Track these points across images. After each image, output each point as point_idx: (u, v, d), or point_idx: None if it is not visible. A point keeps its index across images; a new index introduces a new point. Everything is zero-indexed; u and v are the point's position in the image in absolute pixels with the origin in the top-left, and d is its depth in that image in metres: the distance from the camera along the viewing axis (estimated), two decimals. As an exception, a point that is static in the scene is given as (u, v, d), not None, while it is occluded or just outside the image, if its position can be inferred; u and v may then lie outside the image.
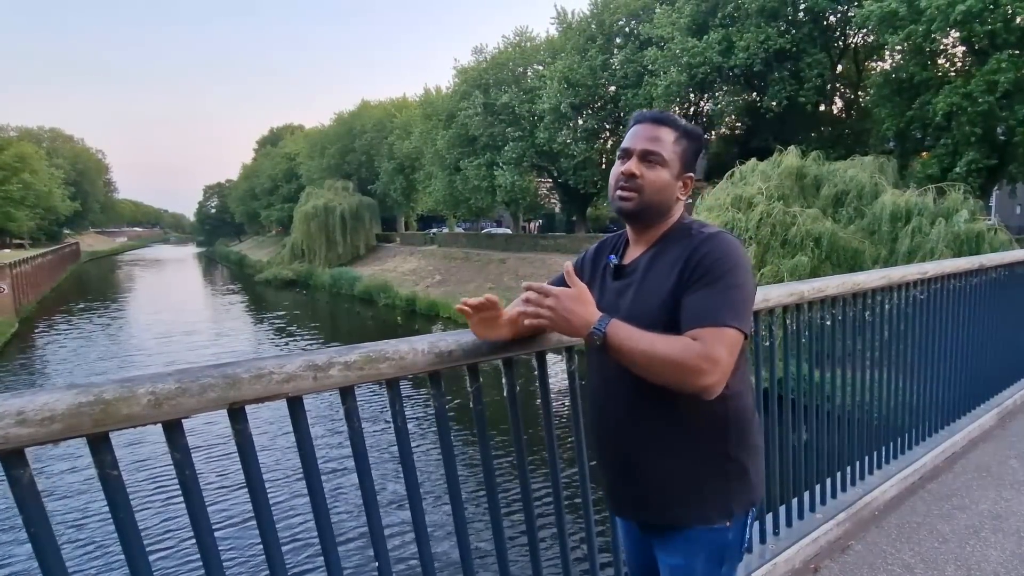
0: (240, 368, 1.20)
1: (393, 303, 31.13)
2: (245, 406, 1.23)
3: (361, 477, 1.45)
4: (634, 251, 1.48)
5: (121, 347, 23.67)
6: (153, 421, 1.12)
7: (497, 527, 1.73)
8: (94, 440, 1.08)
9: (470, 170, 31.77)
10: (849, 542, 2.87)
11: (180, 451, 1.18)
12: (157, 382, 1.10)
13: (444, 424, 1.60)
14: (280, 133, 75.71)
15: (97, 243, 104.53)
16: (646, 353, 1.22)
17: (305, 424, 1.35)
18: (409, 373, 1.46)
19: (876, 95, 19.81)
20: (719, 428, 1.38)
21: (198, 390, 1.14)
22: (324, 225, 43.57)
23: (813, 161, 13.76)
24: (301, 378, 1.26)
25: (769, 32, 20.46)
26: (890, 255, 11.65)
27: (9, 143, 47.27)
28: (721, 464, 1.39)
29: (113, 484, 1.11)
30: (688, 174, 1.44)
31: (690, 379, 1.21)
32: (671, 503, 1.40)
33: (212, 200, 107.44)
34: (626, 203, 1.40)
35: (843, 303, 2.92)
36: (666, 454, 1.38)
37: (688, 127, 1.44)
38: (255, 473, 1.28)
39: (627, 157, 1.41)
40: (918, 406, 3.63)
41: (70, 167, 71.60)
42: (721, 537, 1.40)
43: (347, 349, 1.35)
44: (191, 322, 28.64)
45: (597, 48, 26.52)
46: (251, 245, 75.58)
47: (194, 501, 1.20)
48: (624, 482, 1.46)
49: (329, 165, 50.58)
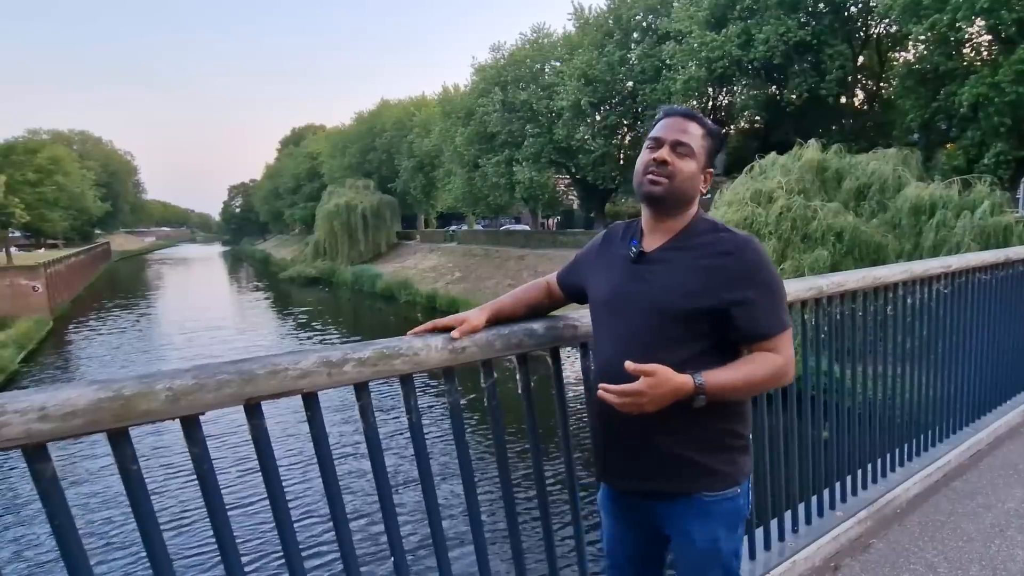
0: (256, 364, 1.22)
1: (414, 300, 31.35)
2: (261, 402, 1.25)
3: (376, 472, 1.47)
4: (653, 240, 1.51)
5: (151, 343, 24.39)
6: (171, 416, 1.14)
7: (512, 520, 1.75)
8: (114, 435, 1.11)
9: (489, 167, 31.81)
10: (871, 540, 2.82)
11: (198, 445, 1.20)
12: (175, 378, 1.13)
13: (458, 419, 1.61)
14: (302, 133, 76.42)
15: (127, 243, 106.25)
16: (749, 384, 1.39)
17: (320, 420, 1.36)
18: (423, 369, 1.47)
19: (899, 86, 19.48)
20: (730, 412, 1.48)
21: (215, 386, 1.16)
22: (346, 223, 44.14)
23: (834, 154, 13.53)
24: (316, 374, 1.28)
25: (789, 24, 20.15)
26: (914, 249, 11.43)
27: (42, 146, 48.12)
28: (730, 440, 1.50)
29: (133, 478, 1.13)
30: (709, 169, 1.51)
31: (781, 384, 1.43)
32: (686, 475, 1.48)
33: (237, 200, 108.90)
34: (656, 187, 1.45)
35: (864, 297, 2.87)
36: (680, 432, 1.45)
37: (712, 127, 1.52)
38: (271, 467, 1.30)
39: (658, 146, 1.46)
40: (942, 402, 3.57)
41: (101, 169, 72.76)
42: (734, 504, 1.51)
43: (361, 345, 1.37)
44: (218, 318, 29.40)
45: (615, 43, 26.39)
46: (275, 244, 76.66)
47: (212, 494, 1.22)
48: (636, 455, 1.51)
49: (350, 164, 51.02)
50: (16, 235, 49.69)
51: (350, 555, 1.43)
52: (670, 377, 1.31)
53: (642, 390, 1.30)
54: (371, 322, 28.94)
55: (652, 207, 1.50)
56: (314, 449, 1.37)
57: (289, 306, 34.30)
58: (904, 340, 3.19)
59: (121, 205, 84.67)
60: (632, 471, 1.53)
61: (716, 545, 1.50)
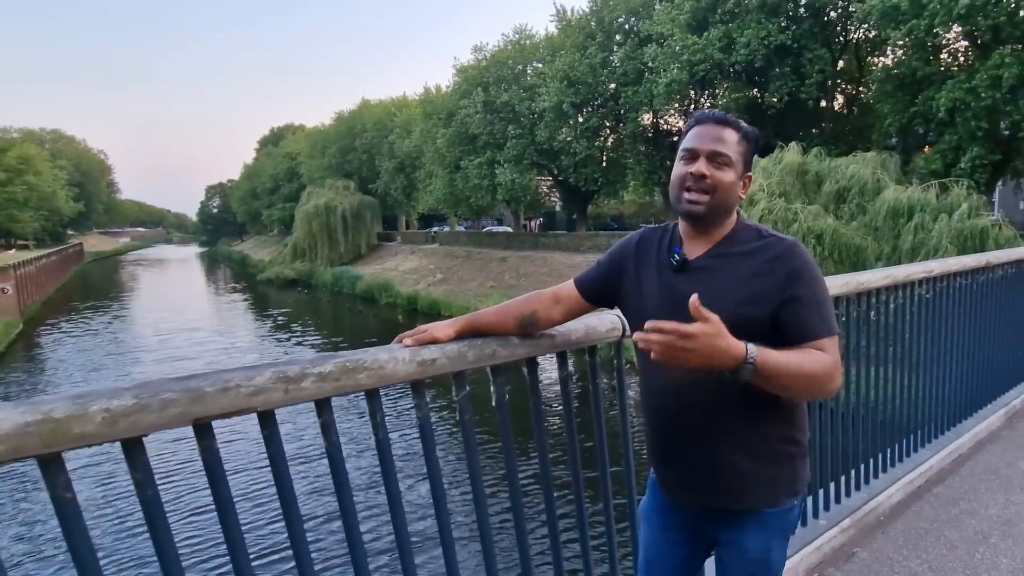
0: (204, 381, 1.12)
1: (395, 302, 31.09)
2: (212, 422, 1.16)
3: (340, 492, 1.37)
4: (695, 247, 1.45)
5: (124, 345, 23.77)
6: (109, 440, 1.04)
7: (486, 540, 1.66)
8: (45, 461, 1.01)
9: (470, 168, 31.66)
10: (854, 549, 2.79)
11: (141, 470, 1.10)
12: (113, 398, 1.03)
13: (428, 435, 1.52)
14: (281, 133, 75.56)
15: (101, 244, 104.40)
16: (798, 375, 1.26)
17: (278, 440, 1.27)
18: (389, 383, 1.38)
19: (878, 91, 19.70)
20: (788, 418, 1.44)
21: (158, 406, 1.07)
22: (325, 224, 43.59)
23: (815, 157, 13.67)
24: (271, 391, 1.19)
25: (770, 28, 20.31)
26: (893, 251, 11.55)
27: (12, 144, 47.28)
28: (790, 450, 1.45)
29: (67, 507, 1.03)
30: (748, 174, 1.45)
31: (828, 386, 1.29)
32: (748, 490, 1.43)
33: (214, 200, 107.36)
34: (697, 206, 1.38)
35: (847, 302, 2.84)
36: (743, 445, 1.41)
37: (748, 129, 1.44)
38: (224, 493, 1.20)
39: (693, 159, 1.40)
40: (924, 407, 3.56)
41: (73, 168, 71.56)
42: (790, 515, 1.49)
43: (321, 358, 1.28)
44: (193, 320, 28.87)
45: (597, 45, 26.40)
46: (253, 245, 75.63)
47: (157, 523, 1.13)
48: (700, 473, 1.46)
49: (330, 164, 50.48)
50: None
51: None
52: (726, 334, 1.19)
53: (695, 334, 1.15)
54: (351, 324, 28.64)
55: (693, 224, 1.44)
56: (271, 470, 1.27)
57: (267, 308, 33.80)
58: (887, 345, 3.16)
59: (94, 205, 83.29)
60: (697, 487, 1.49)
61: (768, 555, 1.48)
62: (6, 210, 41.16)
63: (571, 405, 1.84)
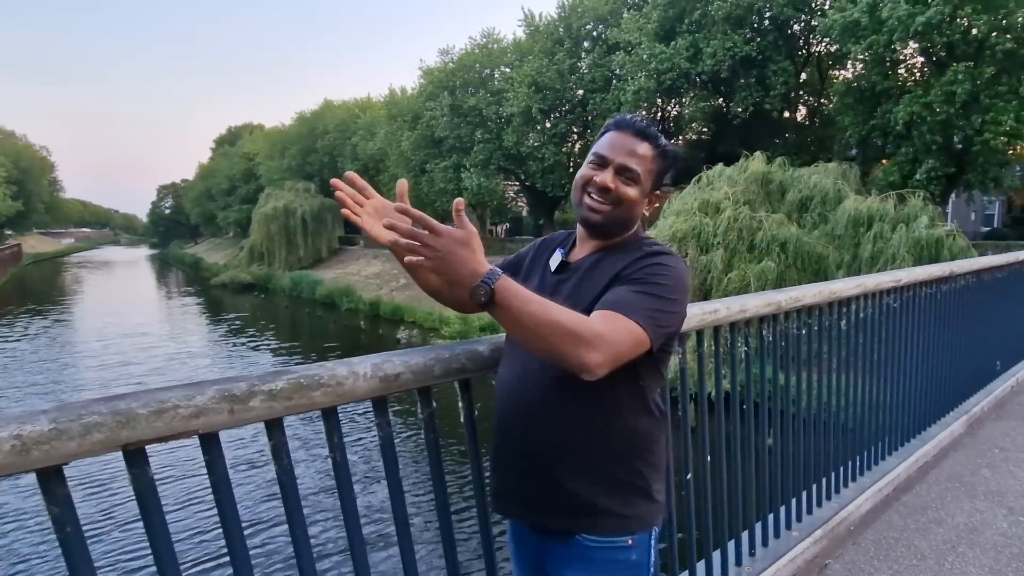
0: (136, 402, 0.99)
1: (356, 307, 30.54)
2: (146, 447, 1.03)
3: (291, 520, 1.25)
4: (581, 251, 1.43)
5: (64, 350, 22.66)
6: (21, 470, 0.91)
7: (452, 562, 1.54)
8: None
9: (436, 172, 31.44)
10: (826, 561, 2.77)
11: (59, 504, 0.96)
12: (25, 423, 0.89)
13: (391, 456, 1.40)
14: (239, 132, 73.83)
15: (41, 245, 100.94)
16: (535, 314, 1.09)
17: (222, 465, 1.14)
18: (348, 401, 1.26)
19: (839, 103, 20.21)
20: (631, 441, 1.34)
21: (80, 431, 0.93)
22: (284, 227, 42.36)
23: (779, 167, 13.91)
24: (214, 411, 1.06)
25: (735, 39, 20.69)
26: (853, 260, 11.80)
27: None
28: (623, 476, 1.33)
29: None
30: (656, 192, 1.41)
31: (576, 350, 1.10)
32: (570, 510, 1.32)
33: (166, 201, 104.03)
34: (595, 215, 1.35)
35: (819, 312, 2.82)
36: (572, 459, 1.31)
37: (668, 147, 1.38)
38: (158, 524, 1.06)
39: (602, 166, 1.34)
40: (890, 415, 3.57)
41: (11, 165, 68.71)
42: (623, 556, 1.34)
43: (272, 375, 1.15)
44: (141, 324, 27.68)
45: (565, 52, 26.52)
46: (207, 247, 73.51)
47: (76, 560, 0.99)
48: (524, 482, 1.36)
49: (290, 166, 49.37)
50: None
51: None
52: (477, 248, 1.08)
53: (441, 232, 1.05)
54: (310, 330, 27.99)
55: (588, 231, 1.40)
56: (214, 498, 1.14)
57: (221, 313, 32.83)
58: (855, 354, 3.17)
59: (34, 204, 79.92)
60: (520, 499, 1.39)
61: None
62: (-66, 208, 38.91)
63: None
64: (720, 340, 2.31)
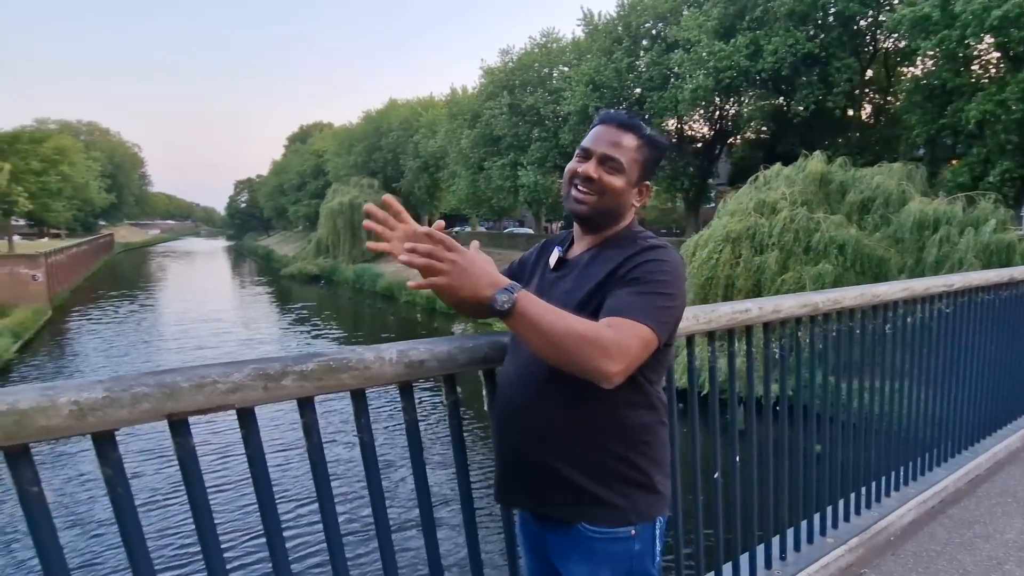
0: (180, 376, 1.10)
1: (414, 300, 31.22)
2: (188, 418, 1.14)
3: (321, 495, 1.34)
4: (577, 247, 1.46)
5: (148, 334, 24.45)
6: (78, 433, 1.02)
7: (473, 548, 1.62)
8: (10, 453, 0.99)
9: (494, 170, 31.80)
10: (862, 570, 2.71)
11: (112, 466, 1.08)
12: (83, 391, 1.01)
13: (416, 440, 1.48)
14: (310, 130, 76.52)
15: (131, 235, 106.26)
16: (554, 325, 1.14)
17: (257, 439, 1.24)
18: (375, 384, 1.35)
19: (906, 101, 19.43)
20: (626, 433, 1.35)
21: (129, 400, 1.04)
22: (349, 222, 43.98)
23: (839, 167, 13.50)
24: (250, 388, 1.16)
25: (798, 36, 20.12)
26: (916, 264, 11.35)
27: (48, 136, 48.35)
28: (623, 469, 1.35)
29: (33, 501, 1.01)
30: (645, 182, 1.43)
31: (595, 361, 1.14)
32: (567, 500, 1.35)
33: (242, 195, 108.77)
34: (581, 206, 1.38)
35: (861, 315, 2.77)
36: (569, 450, 1.34)
37: (652, 136, 1.41)
38: (199, 492, 1.17)
39: (586, 158, 1.38)
40: (941, 425, 3.46)
41: (107, 160, 73.33)
42: (626, 547, 1.36)
43: (304, 357, 1.24)
44: (217, 312, 29.61)
45: (623, 50, 26.32)
46: (278, 240, 76.50)
47: (128, 522, 1.10)
48: (523, 472, 1.40)
49: (356, 162, 51.09)
50: (20, 224, 49.95)
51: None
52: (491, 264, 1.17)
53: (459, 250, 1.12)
54: (371, 321, 28.90)
55: (577, 222, 1.44)
56: (249, 470, 1.24)
57: (289, 302, 34.56)
58: (903, 359, 3.09)
59: (126, 197, 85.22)
60: (522, 489, 1.42)
61: None
62: (40, 199, 42.07)
63: None
64: (752, 340, 2.31)
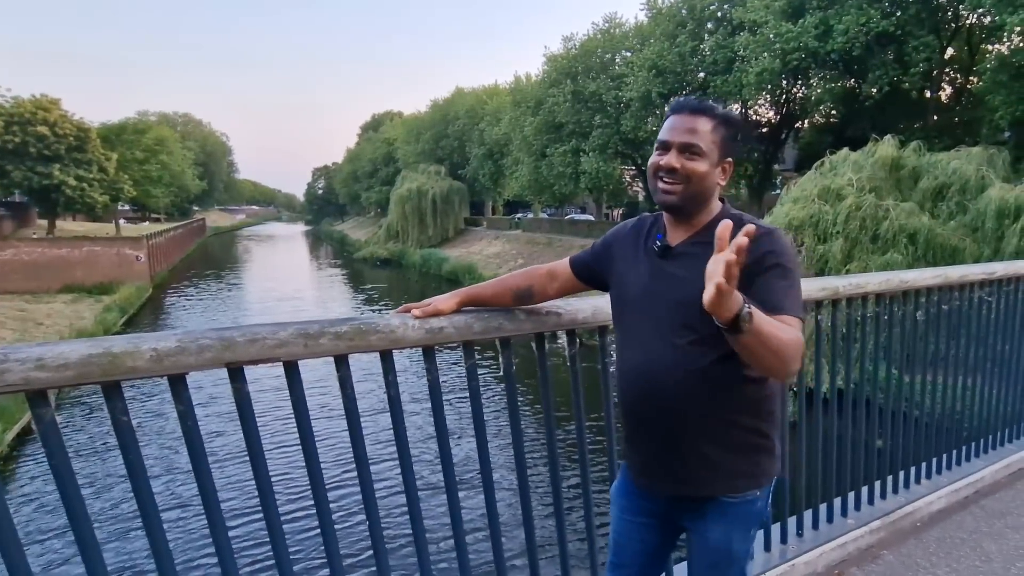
0: (236, 332, 1.34)
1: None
2: (243, 367, 1.37)
3: (354, 442, 1.57)
4: (677, 234, 1.49)
5: (235, 310, 27.16)
6: (157, 374, 1.27)
7: (490, 500, 1.83)
8: (107, 388, 1.24)
9: (556, 156, 31.78)
10: (881, 551, 2.75)
11: (183, 403, 1.33)
12: (160, 340, 1.26)
13: (438, 398, 1.69)
14: (381, 119, 78.14)
15: (220, 220, 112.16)
16: (777, 339, 1.21)
17: (300, 388, 1.47)
18: (400, 347, 1.56)
19: (990, 80, 18.16)
20: (756, 408, 1.45)
21: (196, 349, 1.28)
22: (417, 208, 45.74)
23: (912, 152, 12.90)
24: (293, 344, 1.39)
25: (871, 14, 19.09)
26: (994, 254, 10.80)
27: (150, 127, 51.50)
28: (756, 441, 1.47)
29: (124, 429, 1.27)
30: (727, 159, 1.47)
31: (793, 364, 1.24)
32: (711, 478, 1.46)
33: (320, 181, 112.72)
34: (670, 196, 1.43)
35: (889, 301, 2.80)
36: (710, 433, 1.44)
37: (725, 114, 1.46)
38: (253, 430, 1.42)
39: (666, 150, 1.44)
40: (982, 416, 3.43)
41: (199, 149, 77.68)
42: (752, 507, 1.50)
43: (339, 320, 1.47)
44: (295, 291, 32.61)
45: (687, 34, 25.71)
46: (352, 225, 79.48)
47: (196, 450, 1.35)
48: (666, 459, 1.49)
49: (424, 150, 52.20)
50: (125, 209, 53.74)
51: (326, 514, 1.54)
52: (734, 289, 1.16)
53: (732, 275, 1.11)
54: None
55: (670, 213, 1.49)
56: (294, 415, 1.47)
57: (361, 284, 36.81)
58: (939, 348, 3.07)
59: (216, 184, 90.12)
60: (666, 474, 1.51)
61: (730, 546, 1.51)
62: (143, 186, 45.15)
63: (579, 383, 1.94)
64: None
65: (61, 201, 33.23)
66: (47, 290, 26.95)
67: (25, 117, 31.27)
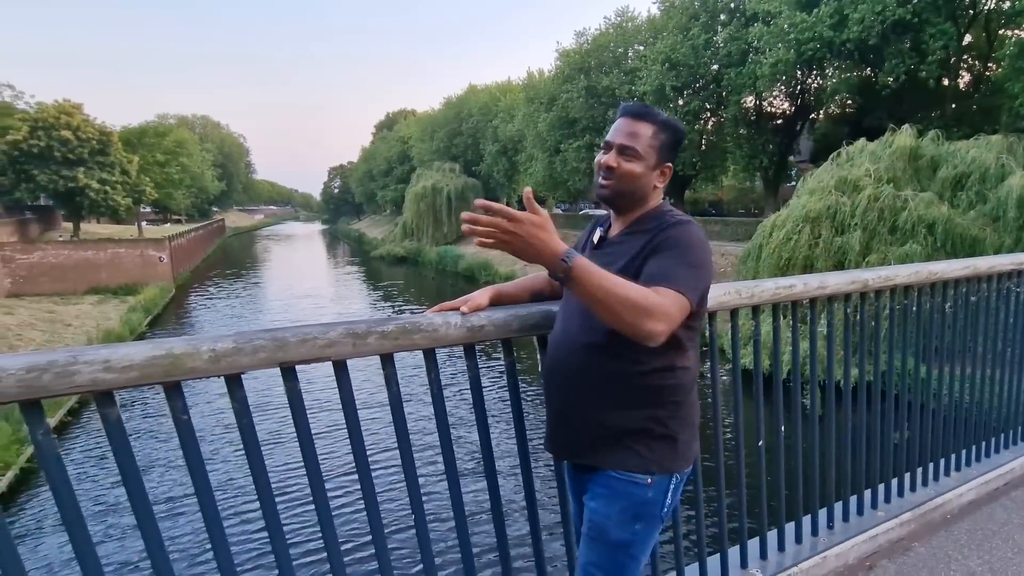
0: (288, 333, 1.38)
1: (493, 280, 32.07)
2: (295, 366, 1.42)
3: (399, 435, 1.61)
4: (617, 227, 1.64)
5: (257, 309, 27.82)
6: (214, 374, 1.32)
7: (528, 487, 1.87)
8: (168, 387, 1.29)
9: (570, 152, 31.80)
10: (912, 543, 2.76)
11: (239, 402, 1.38)
12: (217, 342, 1.30)
13: (478, 394, 1.74)
14: (395, 118, 78.47)
15: (239, 220, 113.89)
16: (607, 289, 1.30)
17: (349, 387, 1.52)
18: (442, 345, 1.60)
19: (1009, 67, 17.86)
20: (656, 394, 1.52)
21: (251, 350, 1.33)
22: (432, 205, 46.03)
23: (931, 141, 12.75)
24: (342, 344, 1.43)
25: (887, 2, 18.77)
26: (1016, 244, 10.68)
27: (170, 130, 52.29)
28: (650, 426, 1.53)
29: (184, 427, 1.32)
30: (666, 164, 1.58)
31: (641, 320, 1.31)
32: (597, 447, 1.55)
33: (336, 181, 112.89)
34: (603, 191, 1.58)
35: (918, 292, 2.79)
36: (600, 404, 1.53)
37: (667, 120, 1.57)
38: (303, 425, 1.46)
39: (608, 149, 1.57)
40: (1013, 407, 3.41)
41: (218, 151, 78.69)
42: (640, 492, 1.53)
43: (385, 320, 1.51)
44: (314, 289, 33.48)
45: (700, 26, 25.54)
46: (369, 223, 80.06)
47: (250, 445, 1.40)
48: (565, 424, 1.61)
49: (438, 148, 52.39)
50: (147, 211, 54.64)
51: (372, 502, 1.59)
52: (551, 230, 1.30)
53: (520, 219, 1.26)
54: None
55: (606, 205, 1.62)
56: (343, 412, 1.52)
57: (378, 281, 37.57)
58: (966, 339, 3.07)
59: (235, 184, 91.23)
60: (565, 441, 1.63)
61: (606, 522, 1.55)
62: (164, 188, 45.90)
63: None
64: (799, 316, 2.42)
65: (85, 204, 33.95)
66: (74, 292, 27.68)
67: (49, 122, 31.98)
